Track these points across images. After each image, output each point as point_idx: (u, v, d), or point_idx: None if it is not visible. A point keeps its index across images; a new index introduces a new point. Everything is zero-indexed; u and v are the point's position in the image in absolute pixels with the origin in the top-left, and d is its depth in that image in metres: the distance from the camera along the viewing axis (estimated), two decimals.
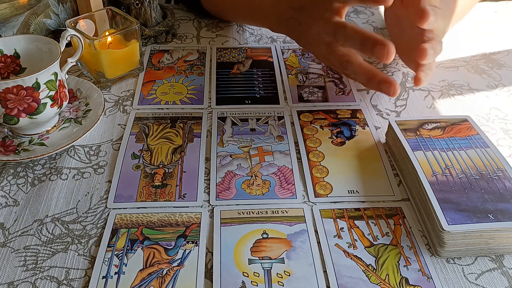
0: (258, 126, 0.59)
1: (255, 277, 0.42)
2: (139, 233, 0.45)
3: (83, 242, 0.45)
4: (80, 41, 0.57)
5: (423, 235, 0.46)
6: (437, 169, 0.47)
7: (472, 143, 0.51)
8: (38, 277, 0.42)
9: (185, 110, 0.62)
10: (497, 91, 0.67)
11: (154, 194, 0.50)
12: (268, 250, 0.44)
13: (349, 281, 0.42)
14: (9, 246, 0.45)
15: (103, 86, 0.65)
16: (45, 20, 0.68)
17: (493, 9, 0.90)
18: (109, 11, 0.68)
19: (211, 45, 0.76)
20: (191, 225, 0.46)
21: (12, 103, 0.51)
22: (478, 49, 0.76)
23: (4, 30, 0.63)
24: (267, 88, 0.66)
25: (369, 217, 0.48)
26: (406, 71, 0.71)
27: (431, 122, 0.54)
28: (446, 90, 0.67)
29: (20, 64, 0.57)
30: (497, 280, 0.42)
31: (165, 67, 0.71)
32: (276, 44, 0.77)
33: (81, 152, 0.55)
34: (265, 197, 0.50)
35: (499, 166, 0.48)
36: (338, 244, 0.45)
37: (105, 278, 0.41)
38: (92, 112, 0.58)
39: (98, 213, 0.48)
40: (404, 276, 0.42)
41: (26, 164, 0.53)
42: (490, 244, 0.43)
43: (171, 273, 0.42)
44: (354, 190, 0.50)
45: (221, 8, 0.81)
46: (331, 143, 0.57)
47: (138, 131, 0.58)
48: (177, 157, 0.54)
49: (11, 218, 0.47)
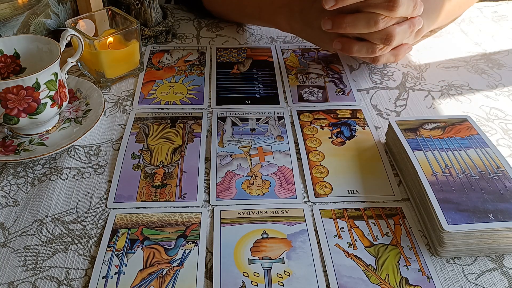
0: (258, 126, 0.59)
1: (255, 277, 0.42)
2: (139, 233, 0.45)
3: (83, 242, 0.45)
4: (80, 41, 0.57)
5: (423, 235, 0.46)
6: (437, 169, 0.47)
7: (472, 143, 0.51)
8: (38, 277, 0.42)
9: (185, 110, 0.62)
10: (497, 91, 0.67)
11: (154, 194, 0.50)
12: (268, 250, 0.44)
13: (349, 281, 0.42)
14: (9, 246, 0.45)
15: (103, 86, 0.65)
16: (45, 20, 0.68)
17: (493, 9, 0.90)
18: (109, 11, 0.68)
19: (211, 45, 0.76)
20: (191, 225, 0.46)
21: (12, 103, 0.51)
22: (478, 49, 0.76)
23: (4, 30, 0.63)
24: (267, 88, 0.66)
25: (369, 217, 0.48)
26: (406, 71, 0.71)
27: (431, 122, 0.54)
28: (446, 90, 0.67)
29: (20, 64, 0.57)
30: (497, 280, 0.42)
31: (165, 67, 0.71)
32: (276, 44, 0.77)
33: (81, 152, 0.55)
34: (265, 197, 0.50)
35: (499, 166, 0.48)
36: (338, 244, 0.45)
37: (105, 278, 0.41)
38: (92, 112, 0.58)
39: (98, 213, 0.48)
40: (404, 276, 0.42)
41: (26, 164, 0.53)
42: (490, 244, 0.43)
43: (171, 273, 0.42)
44: (354, 190, 0.50)
45: (225, 8, 0.80)
46: (331, 143, 0.57)
47: (138, 131, 0.58)
48: (177, 157, 0.54)
49: (11, 218, 0.47)
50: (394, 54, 0.61)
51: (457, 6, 0.76)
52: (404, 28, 0.58)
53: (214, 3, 0.81)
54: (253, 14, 0.75)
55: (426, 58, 0.74)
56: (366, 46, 0.59)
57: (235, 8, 0.78)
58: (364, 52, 0.59)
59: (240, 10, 0.77)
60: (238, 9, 0.78)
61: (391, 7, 0.54)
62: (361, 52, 0.60)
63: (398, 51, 0.61)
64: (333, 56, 0.73)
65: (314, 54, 0.74)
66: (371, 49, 0.59)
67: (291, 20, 0.67)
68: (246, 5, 0.75)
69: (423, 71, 0.71)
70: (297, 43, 0.77)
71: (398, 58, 0.62)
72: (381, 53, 0.60)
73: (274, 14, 0.70)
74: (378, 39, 0.58)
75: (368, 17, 0.56)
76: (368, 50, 0.59)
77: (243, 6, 0.76)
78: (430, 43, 0.77)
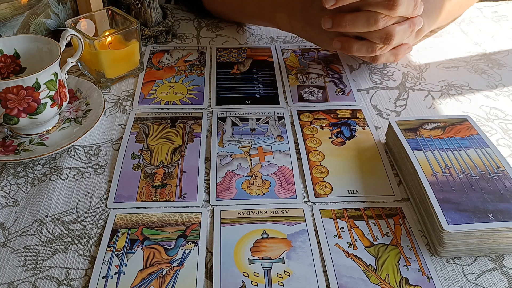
0: (258, 126, 0.59)
1: (255, 277, 0.42)
2: (139, 233, 0.45)
3: (83, 242, 0.45)
4: (80, 41, 0.57)
5: (423, 235, 0.46)
6: (437, 169, 0.47)
7: (472, 143, 0.51)
8: (38, 277, 0.42)
9: (185, 110, 0.62)
10: (497, 91, 0.67)
11: (154, 194, 0.50)
12: (268, 250, 0.44)
13: (349, 281, 0.42)
14: (9, 246, 0.45)
15: (103, 86, 0.65)
16: (45, 20, 0.68)
17: (493, 9, 0.90)
18: (109, 11, 0.68)
19: (211, 45, 0.76)
20: (191, 225, 0.46)
21: (12, 103, 0.51)
22: (478, 49, 0.76)
23: (4, 30, 0.63)
24: (267, 88, 0.66)
25: (369, 217, 0.48)
26: (406, 71, 0.71)
27: (431, 122, 0.54)
28: (446, 90, 0.67)
29: (20, 64, 0.57)
30: (497, 280, 0.42)
31: (165, 67, 0.71)
32: (276, 44, 0.77)
33: (81, 152, 0.55)
34: (265, 197, 0.50)
35: (499, 166, 0.48)
36: (338, 244, 0.45)
37: (105, 278, 0.41)
38: (92, 112, 0.58)
39: (98, 213, 0.48)
40: (404, 276, 0.42)
41: (26, 164, 0.53)
42: (490, 244, 0.43)
43: (171, 273, 0.42)
44: (354, 190, 0.50)
45: (225, 7, 0.80)
46: (331, 143, 0.57)
47: (138, 131, 0.58)
48: (177, 157, 0.54)
49: (11, 218, 0.47)
50: (394, 53, 0.62)
51: (457, 6, 0.76)
52: (404, 28, 0.58)
53: (214, 3, 0.81)
54: (253, 14, 0.75)
55: (426, 58, 0.74)
56: (365, 45, 0.59)
57: (235, 8, 0.78)
58: (364, 51, 0.59)
59: (240, 9, 0.77)
60: (238, 9, 0.78)
61: (391, 6, 0.54)
62: (360, 51, 0.60)
63: (398, 50, 0.61)
64: (333, 56, 0.73)
65: (314, 54, 0.74)
66: (370, 48, 0.59)
67: (292, 18, 0.67)
68: (246, 4, 0.75)
69: (423, 71, 0.71)
70: (297, 43, 0.77)
71: (398, 57, 0.62)
72: (381, 52, 0.60)
73: (274, 13, 0.70)
74: (378, 38, 0.58)
75: (368, 16, 0.56)
76: (367, 49, 0.59)
77: (243, 5, 0.76)
78: (430, 43, 0.77)
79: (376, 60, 0.62)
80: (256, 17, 0.76)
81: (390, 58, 0.62)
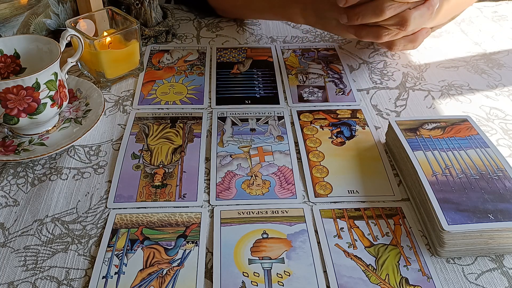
0: (258, 126, 0.59)
1: (255, 277, 0.42)
2: (139, 233, 0.45)
3: (83, 242, 0.45)
4: (80, 41, 0.57)
5: (423, 235, 0.46)
6: (437, 169, 0.47)
7: (472, 143, 0.51)
8: (38, 277, 0.42)
9: (185, 110, 0.62)
10: (497, 91, 0.67)
11: (154, 194, 0.50)
12: (268, 250, 0.44)
13: (349, 281, 0.42)
14: (9, 246, 0.45)
15: (103, 86, 0.65)
16: (45, 20, 0.68)
17: (493, 9, 0.90)
18: (109, 11, 0.68)
19: (211, 45, 0.76)
20: (191, 225, 0.46)
21: (12, 103, 0.51)
22: (478, 49, 0.76)
23: (4, 30, 0.63)
24: (267, 88, 0.66)
25: (369, 217, 0.48)
26: (406, 71, 0.71)
27: (431, 122, 0.54)
28: (446, 90, 0.67)
29: (20, 64, 0.57)
30: (497, 280, 0.42)
31: (165, 67, 0.71)
32: (276, 44, 0.77)
33: (81, 152, 0.55)
34: (265, 197, 0.50)
35: (499, 166, 0.48)
36: (338, 244, 0.45)
37: (105, 278, 0.41)
38: (92, 112, 0.58)
39: (98, 213, 0.48)
40: (404, 276, 0.42)
41: (26, 164, 0.53)
42: (490, 244, 0.43)
43: (171, 273, 0.42)
44: (354, 190, 0.50)
45: (231, 3, 0.80)
46: (331, 143, 0.57)
47: (138, 131, 0.58)
48: (177, 157, 0.54)
49: (11, 218, 0.47)
50: (411, 40, 0.61)
51: (456, 5, 0.76)
52: (421, 12, 0.57)
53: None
54: (261, 9, 0.75)
55: (426, 58, 0.74)
56: (373, 31, 0.59)
57: (242, 3, 0.78)
58: (371, 37, 0.59)
59: (247, 5, 0.77)
60: (245, 5, 0.77)
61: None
62: (368, 37, 0.59)
63: (416, 37, 0.61)
64: (333, 56, 0.74)
65: (314, 54, 0.74)
66: (377, 34, 0.59)
67: (305, 12, 0.68)
68: (254, 0, 0.75)
69: (423, 71, 0.71)
70: (297, 43, 0.77)
71: (416, 44, 0.61)
72: (389, 38, 0.59)
73: (286, 8, 0.71)
74: (393, 24, 0.57)
75: (374, 6, 0.56)
76: (374, 35, 0.59)
77: (251, 1, 0.76)
78: (430, 43, 0.77)
79: (392, 46, 0.62)
80: (265, 12, 0.76)
81: (408, 45, 0.61)
